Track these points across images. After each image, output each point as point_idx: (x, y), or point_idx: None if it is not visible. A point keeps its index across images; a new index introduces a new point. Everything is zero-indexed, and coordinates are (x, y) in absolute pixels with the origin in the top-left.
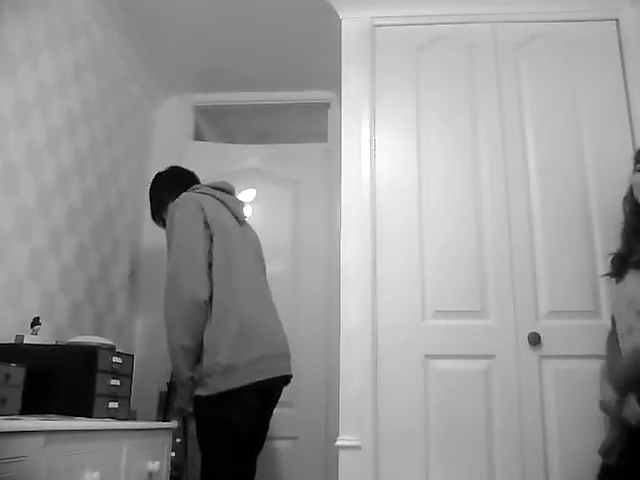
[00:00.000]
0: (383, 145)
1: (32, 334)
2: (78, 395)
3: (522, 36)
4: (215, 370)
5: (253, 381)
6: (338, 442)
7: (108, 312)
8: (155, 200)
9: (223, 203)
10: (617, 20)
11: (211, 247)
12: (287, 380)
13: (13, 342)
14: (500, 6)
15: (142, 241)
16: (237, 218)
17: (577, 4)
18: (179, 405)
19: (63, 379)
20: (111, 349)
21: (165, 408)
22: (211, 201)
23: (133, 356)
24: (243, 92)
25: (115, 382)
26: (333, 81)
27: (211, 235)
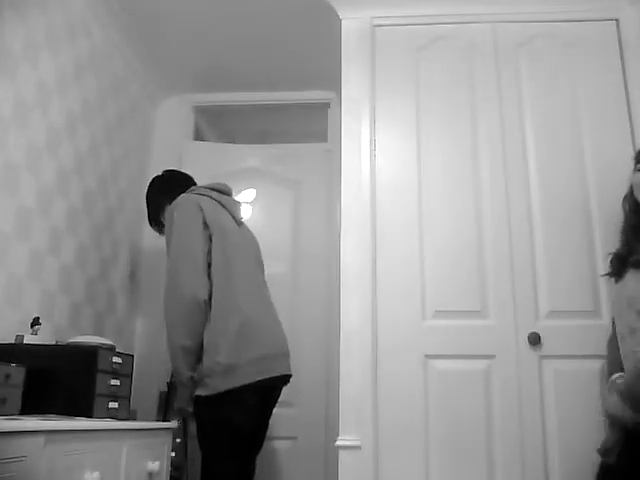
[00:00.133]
0: (383, 145)
1: (32, 334)
2: (78, 395)
3: (522, 36)
4: (215, 370)
5: (253, 381)
6: (338, 442)
7: (108, 312)
8: (152, 203)
9: (221, 204)
10: (617, 20)
11: (210, 247)
12: (287, 380)
13: (13, 342)
14: (500, 6)
15: (142, 241)
16: (235, 219)
17: (577, 4)
18: (179, 405)
19: (63, 379)
20: (111, 349)
21: (165, 408)
22: (209, 202)
23: (133, 356)
24: (243, 92)
25: (115, 382)
26: (333, 81)
27: (210, 235)
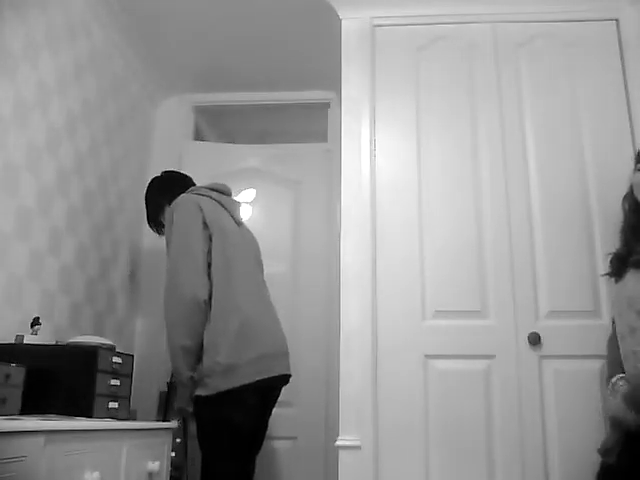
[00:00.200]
0: (383, 145)
1: (32, 334)
2: (78, 395)
3: (522, 36)
4: (215, 370)
5: (253, 380)
6: (338, 442)
7: (108, 312)
8: (152, 204)
9: (221, 204)
10: (617, 20)
11: (210, 247)
12: (286, 379)
13: (13, 342)
14: (500, 6)
15: (142, 241)
16: (235, 219)
17: (577, 4)
18: (179, 405)
19: (63, 379)
20: (111, 349)
21: (165, 408)
22: (209, 202)
23: (133, 356)
24: (243, 92)
25: (115, 382)
26: (333, 81)
27: (210, 235)
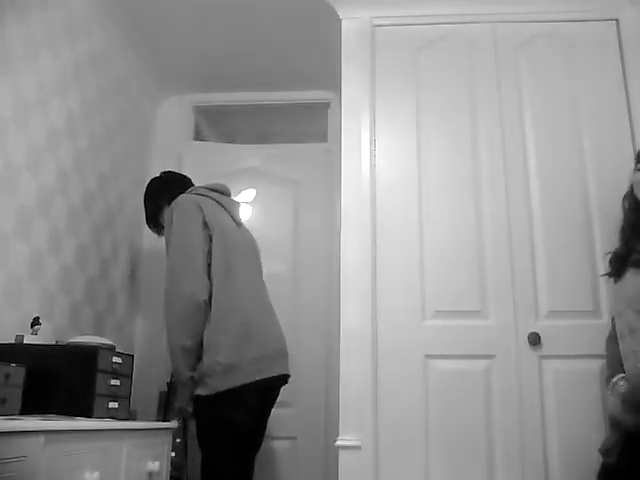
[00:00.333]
0: (383, 145)
1: (32, 334)
2: (78, 395)
3: (522, 36)
4: (215, 370)
5: (253, 380)
6: (338, 442)
7: (108, 312)
8: (151, 205)
9: (220, 204)
10: (617, 20)
11: (210, 247)
12: (286, 379)
13: (13, 342)
14: (500, 6)
15: (142, 241)
16: (234, 219)
17: (577, 4)
18: (179, 405)
19: (63, 379)
20: (111, 349)
21: (165, 408)
22: (209, 202)
23: (133, 356)
24: (243, 92)
25: (115, 382)
26: (333, 81)
27: (210, 235)
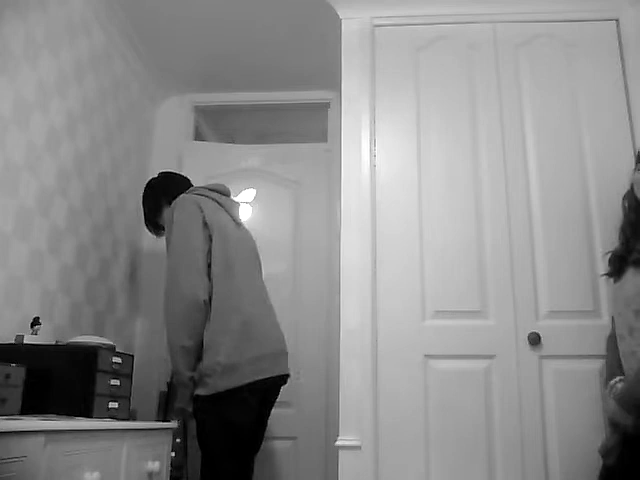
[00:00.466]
0: (383, 145)
1: (32, 334)
2: (78, 395)
3: (522, 36)
4: (216, 370)
5: (253, 380)
6: (338, 442)
7: (108, 312)
8: (150, 205)
9: (220, 204)
10: (617, 20)
11: (210, 247)
12: (285, 380)
13: (13, 342)
14: (500, 6)
15: (142, 241)
16: (234, 219)
17: (577, 4)
18: (179, 405)
19: (63, 379)
20: (111, 349)
21: (165, 408)
22: (209, 202)
23: (133, 356)
24: (243, 92)
25: (115, 382)
26: (333, 81)
27: (210, 235)
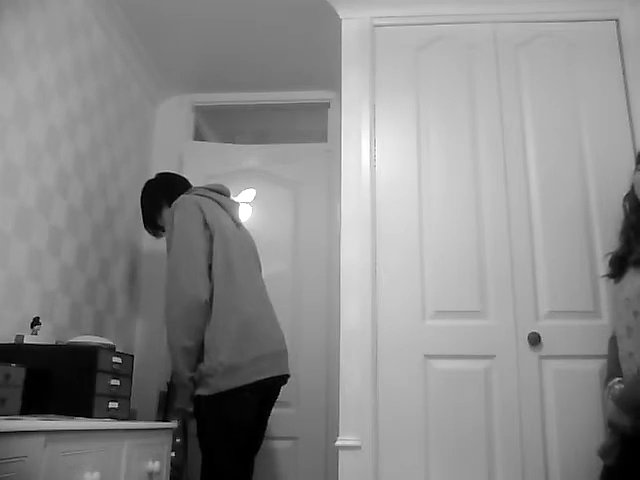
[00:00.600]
0: (383, 145)
1: (32, 334)
2: (78, 395)
3: (522, 36)
4: (217, 370)
5: (253, 381)
6: (338, 442)
7: (108, 312)
8: (149, 206)
9: (220, 205)
10: (617, 20)
11: (211, 248)
12: (285, 380)
13: (13, 342)
14: (500, 6)
15: (142, 241)
16: (234, 219)
17: (577, 4)
18: (179, 405)
19: (63, 379)
20: (111, 349)
21: (165, 408)
22: (209, 203)
23: (133, 356)
24: (243, 92)
25: (115, 382)
26: (333, 81)
27: (211, 236)
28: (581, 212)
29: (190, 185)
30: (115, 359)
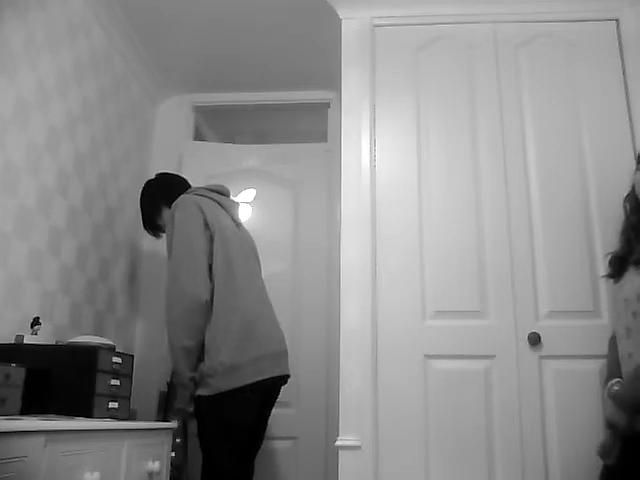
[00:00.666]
0: (383, 145)
1: (32, 334)
2: (78, 395)
3: (522, 36)
4: (218, 370)
5: (254, 380)
6: (338, 442)
7: (108, 312)
8: (149, 206)
9: (220, 205)
10: (617, 20)
11: (211, 248)
12: (285, 380)
13: (13, 342)
14: (500, 6)
15: (142, 241)
16: (234, 219)
17: (577, 4)
18: (179, 406)
19: (63, 379)
20: (111, 349)
21: (165, 408)
22: (209, 203)
23: (133, 356)
24: (243, 92)
25: (115, 382)
26: (333, 81)
27: (211, 236)
28: (581, 212)
29: (189, 185)
30: (115, 359)
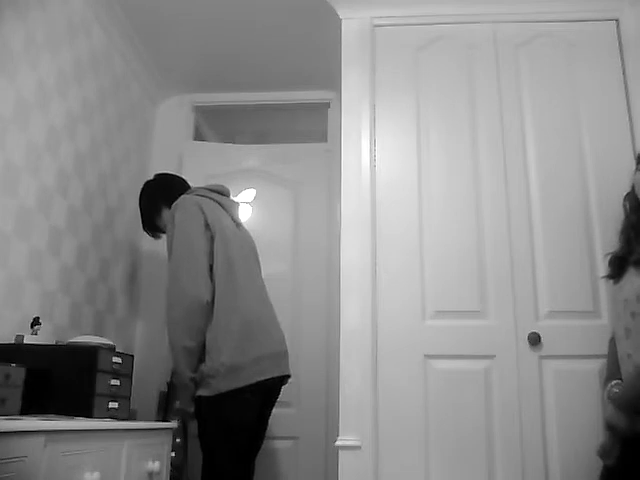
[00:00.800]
0: (383, 145)
1: (32, 334)
2: (78, 395)
3: (522, 36)
4: (219, 371)
5: (255, 381)
6: (338, 442)
7: (108, 312)
8: (148, 207)
9: (220, 205)
10: (617, 20)
11: (211, 248)
12: (286, 380)
13: (13, 342)
14: (500, 6)
15: (142, 241)
16: (234, 220)
17: (577, 4)
18: (179, 406)
19: (63, 379)
20: (111, 349)
21: (165, 408)
22: (209, 203)
23: (133, 356)
24: (243, 92)
25: (115, 382)
26: (333, 81)
27: (212, 236)
28: (581, 212)
29: (188, 186)
30: (115, 359)
